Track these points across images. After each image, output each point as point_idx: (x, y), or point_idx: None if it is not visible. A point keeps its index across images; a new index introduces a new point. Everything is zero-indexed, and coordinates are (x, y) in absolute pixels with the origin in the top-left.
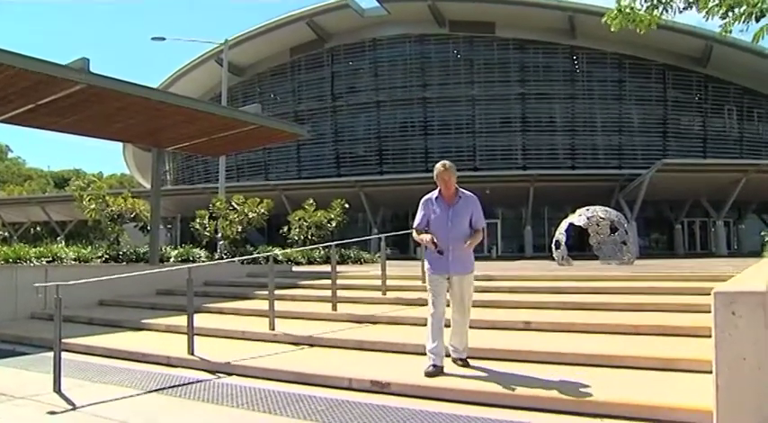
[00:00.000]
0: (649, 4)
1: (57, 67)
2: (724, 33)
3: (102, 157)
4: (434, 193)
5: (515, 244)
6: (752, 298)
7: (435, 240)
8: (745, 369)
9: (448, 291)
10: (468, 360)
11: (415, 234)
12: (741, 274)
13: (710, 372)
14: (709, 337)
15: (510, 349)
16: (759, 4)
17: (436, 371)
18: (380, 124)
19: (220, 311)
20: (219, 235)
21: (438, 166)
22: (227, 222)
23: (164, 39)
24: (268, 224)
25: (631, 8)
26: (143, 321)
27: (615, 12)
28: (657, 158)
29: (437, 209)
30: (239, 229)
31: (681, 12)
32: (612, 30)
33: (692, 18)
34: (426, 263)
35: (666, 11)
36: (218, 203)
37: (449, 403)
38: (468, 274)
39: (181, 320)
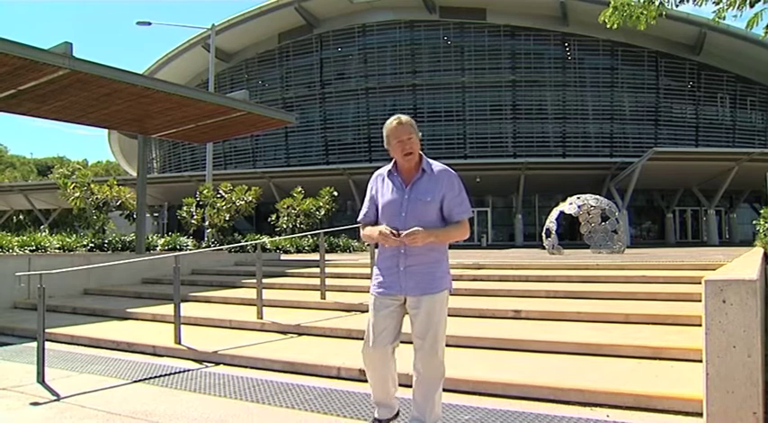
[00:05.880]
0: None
1: (39, 52)
2: (717, 20)
3: (87, 145)
4: (388, 167)
5: (506, 232)
6: (742, 286)
7: (389, 229)
8: (734, 357)
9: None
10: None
11: (362, 232)
12: (732, 262)
13: (701, 360)
14: (700, 325)
15: (500, 338)
16: None
17: None
18: (370, 111)
19: (207, 300)
20: (207, 223)
21: (389, 121)
22: (215, 210)
23: (149, 23)
24: (256, 212)
25: (628, 4)
26: (129, 310)
27: (611, 9)
28: (649, 147)
29: (387, 190)
30: (227, 217)
31: (677, 6)
32: (608, 27)
33: (686, 5)
34: (374, 274)
35: (663, 3)
36: (205, 191)
37: None
38: (434, 295)
39: (167, 309)
